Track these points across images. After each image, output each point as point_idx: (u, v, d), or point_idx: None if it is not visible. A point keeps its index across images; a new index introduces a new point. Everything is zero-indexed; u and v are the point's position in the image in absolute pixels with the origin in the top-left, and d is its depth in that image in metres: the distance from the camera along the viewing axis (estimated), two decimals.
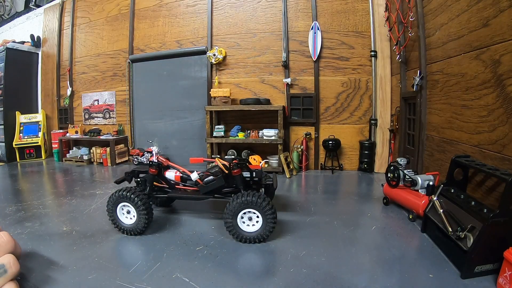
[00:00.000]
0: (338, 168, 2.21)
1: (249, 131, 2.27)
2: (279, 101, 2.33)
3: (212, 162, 1.16)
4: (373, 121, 2.15)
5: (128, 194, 1.01)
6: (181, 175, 1.18)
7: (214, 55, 2.37)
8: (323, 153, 2.27)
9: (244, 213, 0.97)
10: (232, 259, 0.86)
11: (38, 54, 3.37)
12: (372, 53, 2.12)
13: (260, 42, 2.35)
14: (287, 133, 2.33)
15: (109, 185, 1.82)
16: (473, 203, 0.81)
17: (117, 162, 2.64)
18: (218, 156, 2.00)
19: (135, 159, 2.84)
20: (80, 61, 3.08)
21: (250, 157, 2.22)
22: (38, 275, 0.77)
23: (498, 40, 0.97)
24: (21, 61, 3.24)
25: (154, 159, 1.19)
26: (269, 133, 2.16)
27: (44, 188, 1.80)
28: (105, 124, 2.97)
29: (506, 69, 0.94)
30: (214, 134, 2.28)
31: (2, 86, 3.05)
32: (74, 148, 2.93)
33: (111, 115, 2.94)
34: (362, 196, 1.53)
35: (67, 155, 2.85)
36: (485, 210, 0.74)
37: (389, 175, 1.31)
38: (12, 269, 0.49)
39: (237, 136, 2.25)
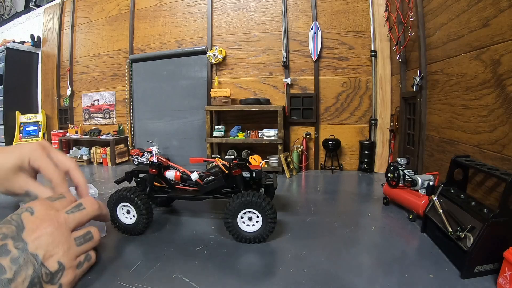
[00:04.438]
0: (338, 168, 2.21)
1: (249, 131, 2.27)
2: (279, 101, 2.33)
3: (212, 162, 1.16)
4: (373, 121, 2.15)
5: (128, 194, 1.01)
6: (181, 175, 1.18)
7: (214, 55, 2.37)
8: (323, 153, 2.28)
9: (244, 213, 0.97)
10: (232, 259, 0.86)
11: (38, 54, 3.38)
12: (372, 53, 2.13)
13: (260, 42, 2.35)
14: (287, 133, 2.33)
15: (109, 185, 1.82)
16: (473, 203, 0.81)
17: (117, 162, 2.64)
18: (218, 156, 2.00)
19: (135, 159, 2.85)
20: (80, 61, 3.08)
21: (250, 157, 2.22)
22: None
23: (498, 40, 0.97)
24: (21, 61, 3.24)
25: (154, 159, 1.18)
26: (269, 133, 2.16)
27: None
28: (105, 124, 2.97)
29: (506, 69, 0.94)
30: (214, 134, 2.28)
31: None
32: (74, 148, 2.93)
33: (111, 115, 2.94)
34: (362, 196, 1.53)
35: (67, 155, 2.85)
36: (485, 210, 0.74)
37: (389, 175, 1.31)
38: (96, 237, 0.46)
39: (237, 136, 2.24)
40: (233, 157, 2.27)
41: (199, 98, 2.51)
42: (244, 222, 0.99)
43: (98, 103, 2.99)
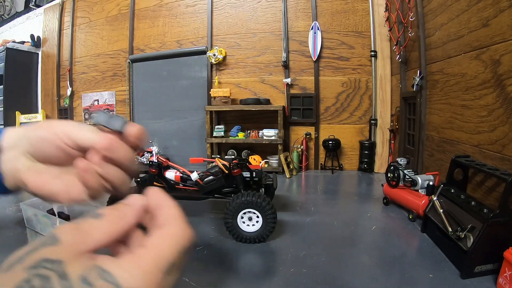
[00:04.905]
0: (338, 168, 2.21)
1: (249, 131, 2.27)
2: (279, 101, 2.33)
3: (212, 162, 1.16)
4: (373, 121, 2.15)
5: None
6: (181, 175, 1.18)
7: (214, 55, 2.37)
8: (323, 153, 2.27)
9: (244, 213, 0.97)
10: (232, 259, 0.86)
11: (38, 54, 3.38)
12: (372, 53, 2.12)
13: (260, 42, 2.35)
14: (287, 133, 2.33)
15: None
16: (473, 203, 0.81)
17: None
18: (218, 156, 2.00)
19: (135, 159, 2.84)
20: (80, 61, 3.08)
21: (250, 157, 2.22)
22: None
23: (498, 40, 0.97)
24: (21, 61, 3.24)
25: (154, 159, 1.19)
26: (269, 133, 2.16)
27: None
28: None
29: (506, 69, 0.94)
30: (214, 134, 2.28)
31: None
32: None
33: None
34: (362, 196, 1.53)
35: None
36: (485, 210, 0.74)
37: (389, 175, 1.31)
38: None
39: (237, 136, 2.25)
40: (233, 157, 2.27)
41: (199, 98, 2.51)
42: (244, 222, 0.99)
43: (98, 103, 2.99)
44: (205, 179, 1.12)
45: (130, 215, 0.20)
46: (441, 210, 0.90)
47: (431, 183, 1.15)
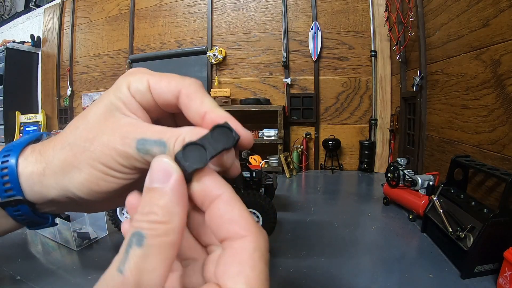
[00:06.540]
0: (338, 168, 2.21)
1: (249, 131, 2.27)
2: (279, 101, 2.33)
3: None
4: (373, 121, 2.15)
5: None
6: None
7: (214, 55, 2.37)
8: (323, 153, 2.27)
9: None
10: None
11: (38, 54, 3.38)
12: (372, 53, 2.12)
13: (260, 42, 2.35)
14: (287, 133, 2.32)
15: None
16: (473, 203, 0.81)
17: None
18: None
19: None
20: (80, 61, 3.08)
21: (250, 157, 2.22)
22: (37, 275, 0.77)
23: (498, 40, 0.97)
24: (21, 61, 3.24)
25: None
26: (269, 133, 2.16)
27: None
28: None
29: (506, 69, 0.94)
30: None
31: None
32: None
33: None
34: (362, 196, 1.53)
35: None
36: (485, 210, 0.74)
37: (389, 175, 1.31)
38: None
39: None
40: None
41: None
42: None
43: None
44: None
45: (178, 225, 0.13)
46: (441, 210, 0.90)
47: (431, 183, 1.15)
